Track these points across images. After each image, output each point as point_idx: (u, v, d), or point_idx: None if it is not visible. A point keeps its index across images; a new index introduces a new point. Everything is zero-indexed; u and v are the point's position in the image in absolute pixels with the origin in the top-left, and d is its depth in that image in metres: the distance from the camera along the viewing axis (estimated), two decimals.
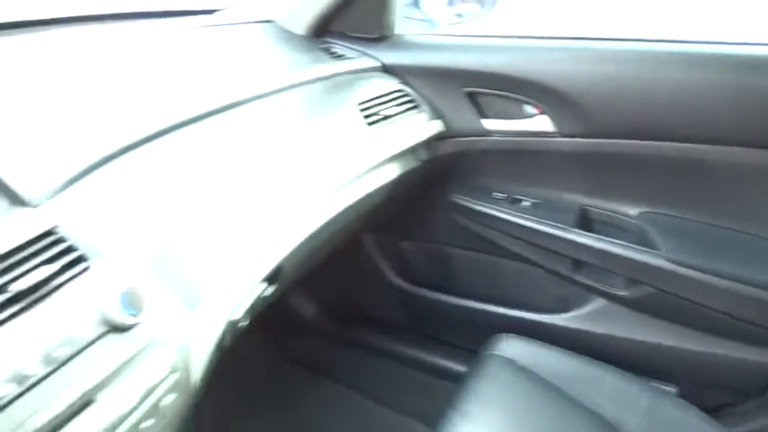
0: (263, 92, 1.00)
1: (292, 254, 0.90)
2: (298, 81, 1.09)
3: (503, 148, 1.25)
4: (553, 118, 1.17)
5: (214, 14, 1.26)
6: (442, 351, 1.48)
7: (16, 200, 0.61)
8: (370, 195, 1.11)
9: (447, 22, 1.41)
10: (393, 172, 1.18)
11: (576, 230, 1.18)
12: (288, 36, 1.27)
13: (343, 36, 1.33)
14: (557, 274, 1.28)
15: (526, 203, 1.28)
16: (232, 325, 0.76)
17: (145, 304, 0.58)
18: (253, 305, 0.83)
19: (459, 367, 1.42)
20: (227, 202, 0.80)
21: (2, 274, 0.53)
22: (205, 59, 1.05)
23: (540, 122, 1.19)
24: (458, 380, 1.07)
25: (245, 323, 0.83)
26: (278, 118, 0.99)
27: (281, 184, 0.89)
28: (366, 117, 1.11)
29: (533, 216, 1.24)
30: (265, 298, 0.89)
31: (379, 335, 1.58)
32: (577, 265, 1.24)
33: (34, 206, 0.61)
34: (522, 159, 1.27)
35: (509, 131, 1.23)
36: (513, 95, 1.18)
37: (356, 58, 1.28)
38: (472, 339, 1.27)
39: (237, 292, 0.76)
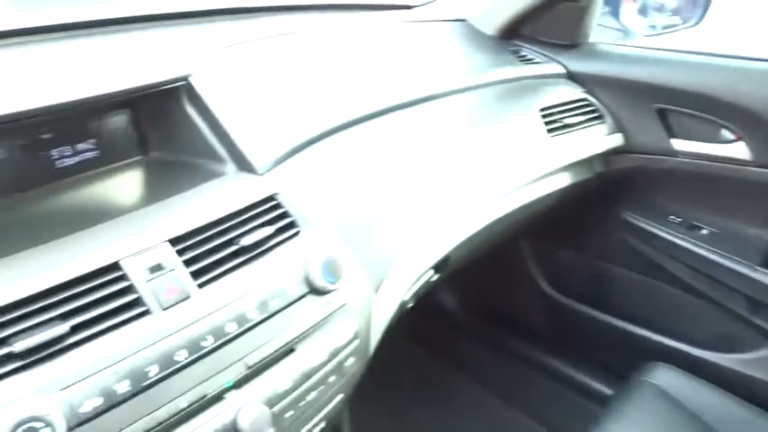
0: (452, 89, 1.06)
1: (459, 246, 0.94)
2: (485, 81, 1.13)
3: (687, 170, 1.19)
4: (752, 146, 1.09)
5: (411, 11, 1.32)
6: (588, 369, 1.44)
7: (246, 166, 0.71)
8: (537, 201, 1.12)
9: (644, 33, 1.36)
10: (565, 181, 1.18)
11: (762, 269, 1.10)
12: (479, 36, 1.31)
13: (533, 40, 1.33)
14: (728, 310, 1.20)
15: (705, 232, 1.21)
16: (402, 305, 0.82)
17: (343, 273, 0.65)
18: (419, 290, 0.88)
19: (602, 388, 1.37)
20: (410, 188, 0.86)
21: (232, 229, 0.62)
22: (403, 54, 1.12)
23: (737, 149, 1.11)
24: (600, 401, 1.04)
25: (411, 305, 0.89)
26: (463, 115, 1.04)
27: (459, 179, 0.94)
28: (547, 123, 1.12)
29: (712, 246, 1.17)
30: (430, 284, 0.94)
31: (522, 341, 1.57)
32: (755, 305, 1.15)
33: (260, 174, 0.70)
34: (708, 185, 1.20)
35: (699, 154, 1.16)
36: (712, 118, 1.12)
37: (543, 63, 1.28)
38: (621, 362, 1.23)
39: (412, 275, 0.82)
